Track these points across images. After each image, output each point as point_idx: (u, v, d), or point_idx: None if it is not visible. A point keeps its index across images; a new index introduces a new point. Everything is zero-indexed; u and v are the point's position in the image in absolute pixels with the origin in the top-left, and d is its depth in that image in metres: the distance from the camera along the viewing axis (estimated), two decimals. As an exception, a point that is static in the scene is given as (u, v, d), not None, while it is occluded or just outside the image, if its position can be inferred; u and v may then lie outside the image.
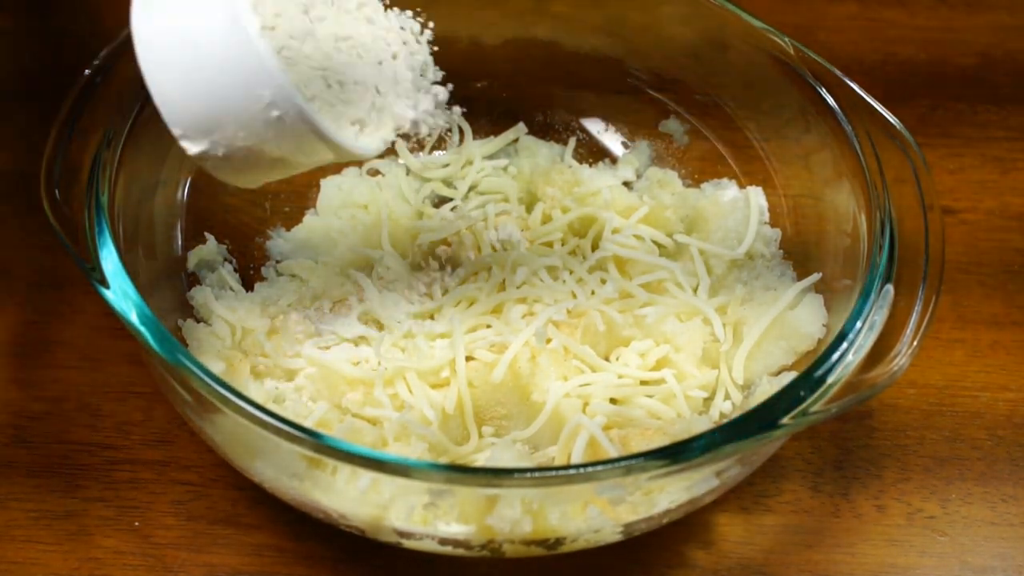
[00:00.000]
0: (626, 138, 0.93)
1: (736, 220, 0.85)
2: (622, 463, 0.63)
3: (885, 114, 0.79)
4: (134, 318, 0.67)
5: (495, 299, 0.80)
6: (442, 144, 0.93)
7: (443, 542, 0.70)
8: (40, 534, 0.77)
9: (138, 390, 0.83)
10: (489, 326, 0.79)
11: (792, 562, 0.77)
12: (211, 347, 0.77)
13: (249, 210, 0.88)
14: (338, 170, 0.90)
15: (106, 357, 0.84)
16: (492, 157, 0.92)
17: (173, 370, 0.66)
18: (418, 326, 0.79)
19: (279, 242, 0.87)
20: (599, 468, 0.63)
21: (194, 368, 0.65)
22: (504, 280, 0.81)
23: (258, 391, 0.76)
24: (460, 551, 0.70)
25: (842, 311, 0.73)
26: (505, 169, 0.91)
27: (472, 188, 0.90)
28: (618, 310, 0.80)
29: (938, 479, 0.81)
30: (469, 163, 0.91)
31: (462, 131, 0.93)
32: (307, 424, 0.72)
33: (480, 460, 0.74)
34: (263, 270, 0.86)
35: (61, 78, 0.77)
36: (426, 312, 0.81)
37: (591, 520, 0.68)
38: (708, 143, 0.90)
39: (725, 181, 0.89)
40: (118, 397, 0.82)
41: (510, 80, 0.93)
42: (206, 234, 0.84)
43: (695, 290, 0.83)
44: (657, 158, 0.93)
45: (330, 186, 0.89)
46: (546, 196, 0.87)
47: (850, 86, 0.80)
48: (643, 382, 0.78)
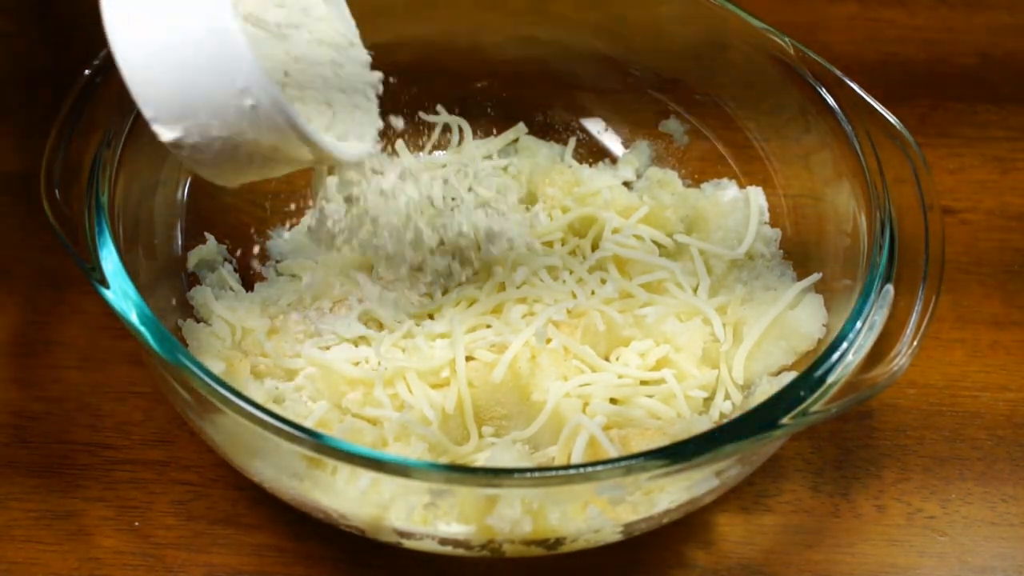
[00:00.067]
0: (626, 138, 0.93)
1: (736, 220, 0.85)
2: (622, 463, 0.63)
3: (885, 114, 0.79)
4: (134, 318, 0.67)
5: (495, 299, 0.80)
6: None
7: (443, 542, 0.70)
8: (40, 534, 0.77)
9: (138, 390, 0.83)
10: (489, 326, 0.79)
11: (792, 562, 0.77)
12: (211, 347, 0.77)
13: (249, 210, 0.88)
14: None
15: (106, 357, 0.84)
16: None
17: (173, 370, 0.66)
18: (418, 326, 0.79)
19: (279, 242, 0.87)
20: (599, 468, 0.63)
21: (194, 368, 0.65)
22: (504, 280, 0.81)
23: (258, 391, 0.76)
24: (460, 551, 0.70)
25: (842, 311, 0.73)
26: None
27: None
28: (618, 310, 0.80)
29: (938, 479, 0.81)
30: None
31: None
32: (307, 424, 0.72)
33: (480, 460, 0.74)
34: (263, 270, 0.86)
35: (61, 78, 0.77)
36: (426, 312, 0.81)
37: (591, 520, 0.68)
38: (708, 143, 0.90)
39: (725, 181, 0.89)
40: (118, 397, 0.82)
41: (510, 80, 0.93)
42: (206, 234, 0.84)
43: (695, 290, 0.83)
44: (657, 158, 0.93)
45: (330, 186, 0.89)
46: (546, 196, 0.87)
47: (850, 86, 0.80)
48: (643, 382, 0.78)
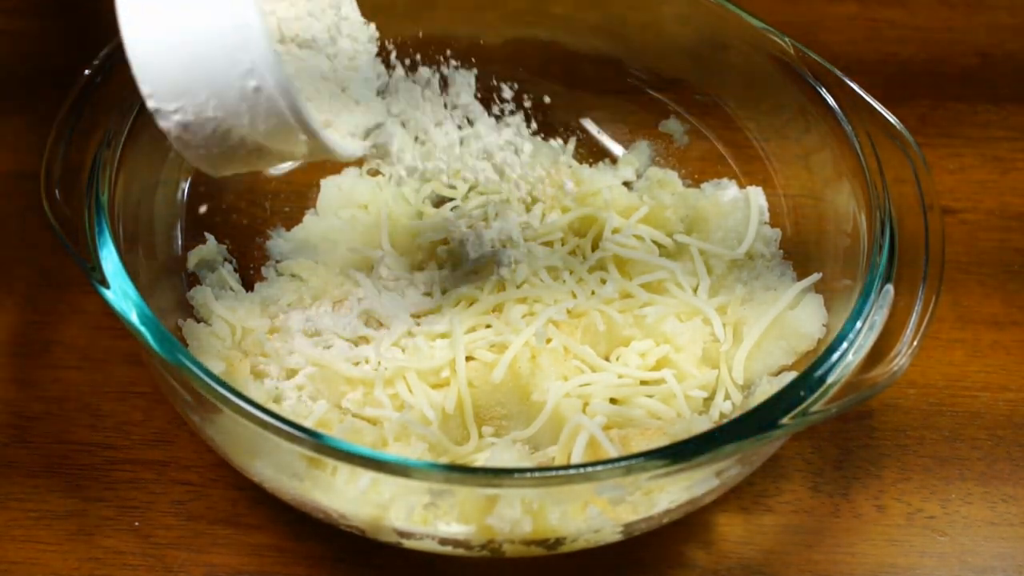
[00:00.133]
0: (626, 138, 0.93)
1: (736, 220, 0.85)
2: (622, 463, 0.63)
3: (885, 114, 0.79)
4: (134, 318, 0.67)
5: (495, 299, 0.80)
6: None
7: (443, 542, 0.70)
8: (40, 534, 0.77)
9: (138, 390, 0.83)
10: (489, 326, 0.79)
11: (792, 562, 0.77)
12: (211, 347, 0.77)
13: (249, 210, 0.88)
14: (338, 170, 0.90)
15: (106, 357, 0.84)
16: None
17: (173, 370, 0.66)
18: (418, 326, 0.79)
19: (279, 242, 0.87)
20: (599, 468, 0.63)
21: (194, 368, 0.65)
22: (504, 280, 0.81)
23: (258, 391, 0.76)
24: (460, 551, 0.70)
25: (842, 311, 0.73)
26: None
27: (472, 188, 0.90)
28: (618, 310, 0.80)
29: (938, 479, 0.81)
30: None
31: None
32: (307, 424, 0.72)
33: (480, 460, 0.74)
34: (263, 270, 0.86)
35: (61, 78, 0.77)
36: (426, 312, 0.81)
37: (591, 520, 0.68)
38: (708, 143, 0.90)
39: (725, 181, 0.89)
40: (118, 397, 0.82)
41: (510, 80, 0.92)
42: (206, 234, 0.84)
43: (695, 290, 0.83)
44: (657, 158, 0.93)
45: (330, 186, 0.89)
46: (546, 196, 0.87)
47: (850, 86, 0.80)
48: (643, 382, 0.78)
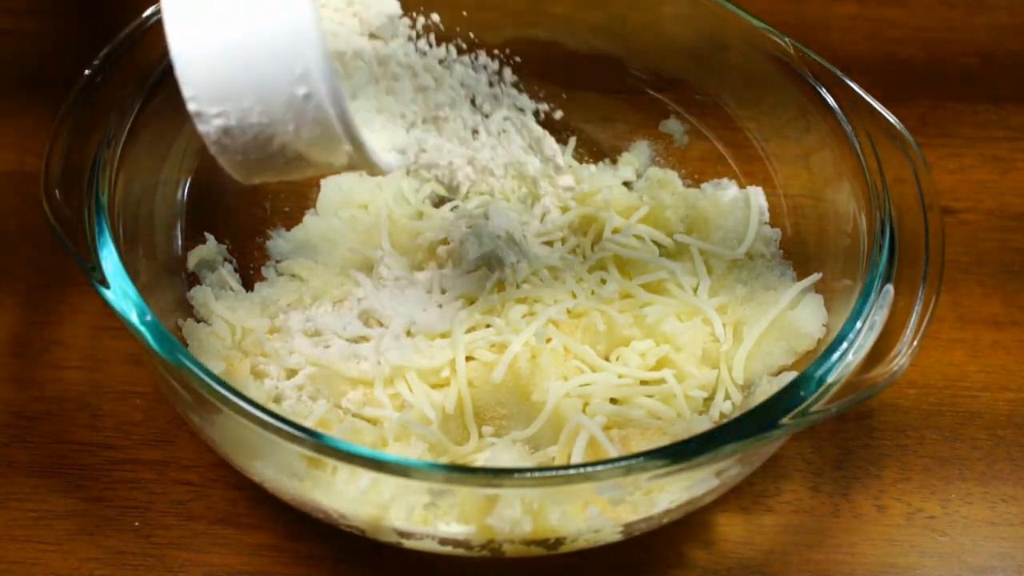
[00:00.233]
0: (626, 138, 0.93)
1: (736, 220, 0.85)
2: (622, 463, 0.63)
3: (885, 114, 0.79)
4: (134, 318, 0.67)
5: (495, 299, 0.80)
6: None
7: (443, 542, 0.70)
8: (40, 534, 0.77)
9: (138, 390, 0.83)
10: (489, 326, 0.79)
11: (792, 562, 0.77)
12: (211, 347, 0.77)
13: (249, 210, 0.88)
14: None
15: (106, 357, 0.84)
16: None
17: (173, 370, 0.66)
18: (418, 326, 0.79)
19: (279, 242, 0.87)
20: (599, 468, 0.63)
21: (194, 368, 0.65)
22: (504, 280, 0.81)
23: (258, 391, 0.76)
24: (460, 551, 0.70)
25: (842, 311, 0.73)
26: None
27: (472, 188, 0.90)
28: (618, 310, 0.80)
29: (938, 479, 0.81)
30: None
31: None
32: (307, 424, 0.72)
33: (480, 460, 0.74)
34: (263, 270, 0.86)
35: (61, 78, 0.77)
36: (426, 312, 0.81)
37: (591, 520, 0.68)
38: (708, 143, 0.90)
39: (725, 181, 0.89)
40: (118, 397, 0.82)
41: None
42: (206, 234, 0.84)
43: (695, 290, 0.83)
44: (657, 158, 0.93)
45: (330, 186, 0.89)
46: (546, 196, 0.87)
47: (850, 86, 0.80)
48: (643, 382, 0.78)
